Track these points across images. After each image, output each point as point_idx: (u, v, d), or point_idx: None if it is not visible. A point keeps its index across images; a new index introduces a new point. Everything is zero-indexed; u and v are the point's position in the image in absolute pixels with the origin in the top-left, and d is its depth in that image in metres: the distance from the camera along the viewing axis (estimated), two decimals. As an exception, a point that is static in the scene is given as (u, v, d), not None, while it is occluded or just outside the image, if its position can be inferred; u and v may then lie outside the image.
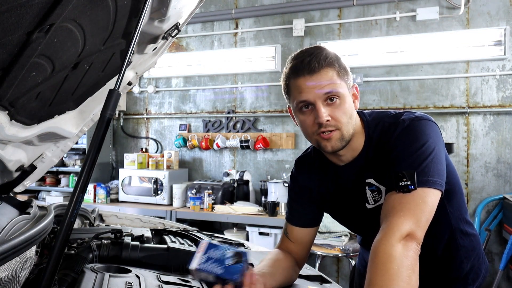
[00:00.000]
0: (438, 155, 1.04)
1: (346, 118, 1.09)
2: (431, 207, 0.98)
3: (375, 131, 1.14)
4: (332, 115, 1.08)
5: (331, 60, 1.09)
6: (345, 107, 1.09)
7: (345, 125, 1.09)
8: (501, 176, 3.50)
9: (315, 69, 1.07)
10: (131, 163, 4.24)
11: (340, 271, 3.89)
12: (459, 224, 1.21)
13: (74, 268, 1.06)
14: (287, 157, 4.10)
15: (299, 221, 1.28)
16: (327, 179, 1.24)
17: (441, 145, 1.07)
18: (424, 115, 1.11)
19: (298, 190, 1.31)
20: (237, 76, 4.32)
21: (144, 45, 1.31)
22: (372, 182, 1.14)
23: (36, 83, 0.92)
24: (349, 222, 1.32)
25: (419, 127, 1.06)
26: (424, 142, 1.03)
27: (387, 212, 0.99)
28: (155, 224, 2.04)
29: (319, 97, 1.07)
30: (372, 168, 1.13)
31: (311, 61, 1.07)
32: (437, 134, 1.08)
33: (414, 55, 3.68)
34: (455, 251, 1.21)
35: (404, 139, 1.06)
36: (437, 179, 1.00)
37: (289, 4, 4.08)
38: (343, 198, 1.22)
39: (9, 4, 0.60)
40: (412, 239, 0.92)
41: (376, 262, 0.90)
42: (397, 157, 1.05)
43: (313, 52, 1.09)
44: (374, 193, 1.14)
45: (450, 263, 1.22)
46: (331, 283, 1.27)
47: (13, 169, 1.41)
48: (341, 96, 1.09)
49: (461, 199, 1.21)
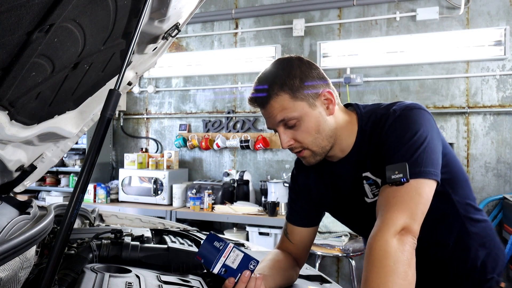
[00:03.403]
0: (431, 144, 1.01)
1: (310, 137, 1.10)
2: (426, 199, 0.97)
3: (368, 123, 1.13)
4: (294, 138, 1.11)
5: (281, 86, 1.08)
6: (307, 127, 1.09)
7: (311, 144, 1.11)
8: (501, 176, 3.50)
9: (264, 103, 1.10)
10: (131, 163, 4.24)
11: (340, 271, 3.89)
12: (467, 212, 1.16)
13: (74, 268, 1.06)
14: (287, 157, 4.09)
15: (299, 220, 1.28)
16: (324, 178, 1.24)
17: (435, 133, 1.05)
18: (415, 104, 1.08)
19: (297, 189, 1.31)
20: (237, 76, 4.32)
21: (144, 45, 1.31)
22: (369, 175, 1.12)
23: (36, 83, 0.92)
24: (351, 219, 1.30)
25: (410, 117, 1.05)
26: (416, 131, 1.02)
27: (381, 206, 0.98)
28: (155, 224, 2.04)
29: (277, 125, 1.11)
30: (368, 161, 1.12)
31: (257, 98, 1.11)
32: (430, 122, 1.06)
33: (414, 55, 3.68)
34: (467, 239, 1.16)
35: (395, 130, 1.05)
36: (430, 168, 0.98)
37: (289, 4, 4.08)
38: (342, 195, 1.21)
39: (9, 4, 0.60)
40: (408, 233, 0.91)
41: (371, 258, 0.89)
42: (389, 149, 1.04)
43: (262, 79, 1.12)
44: (372, 187, 1.12)
45: (465, 253, 1.17)
46: (331, 283, 1.27)
47: (13, 169, 1.41)
48: (299, 118, 1.09)
49: (466, 187, 1.17)
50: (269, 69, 1.13)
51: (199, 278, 1.15)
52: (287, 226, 1.30)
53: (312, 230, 1.30)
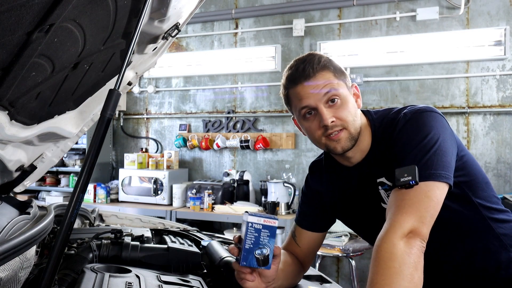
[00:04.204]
0: (443, 147, 1.00)
1: (351, 116, 1.09)
2: (436, 202, 0.95)
3: (379, 129, 1.13)
4: (336, 116, 1.07)
5: (325, 63, 1.09)
6: (348, 107, 1.09)
7: (351, 124, 1.09)
8: (501, 176, 3.50)
9: (311, 74, 1.08)
10: (131, 163, 4.24)
11: (340, 271, 3.89)
12: (492, 213, 1.12)
13: (74, 268, 1.06)
14: (287, 157, 4.09)
15: (308, 224, 1.27)
16: (338, 183, 1.22)
17: (448, 136, 1.03)
18: (427, 106, 1.08)
19: (310, 194, 1.29)
20: (237, 76, 4.32)
21: (144, 45, 1.31)
22: (384, 181, 1.11)
23: (36, 83, 0.92)
24: (365, 225, 1.24)
25: (421, 119, 1.04)
26: (427, 134, 1.01)
27: (389, 209, 0.97)
28: (155, 224, 2.04)
29: (320, 100, 1.07)
30: (382, 167, 1.10)
31: (306, 68, 1.08)
32: (442, 124, 1.04)
33: (414, 55, 3.68)
34: (497, 241, 1.10)
35: (405, 133, 1.04)
36: (441, 171, 0.97)
37: (289, 4, 4.08)
38: (357, 201, 1.19)
39: (9, 4, 0.60)
40: (416, 236, 0.90)
41: (377, 260, 0.89)
42: (399, 152, 1.03)
43: (306, 59, 1.10)
44: (388, 192, 1.10)
45: (496, 256, 1.10)
46: (331, 283, 1.27)
47: (13, 169, 1.41)
48: (341, 96, 1.08)
49: (488, 188, 1.14)
50: (308, 54, 1.13)
51: (199, 278, 1.15)
52: (296, 229, 1.29)
53: (320, 236, 1.28)
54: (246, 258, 1.00)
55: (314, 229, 1.27)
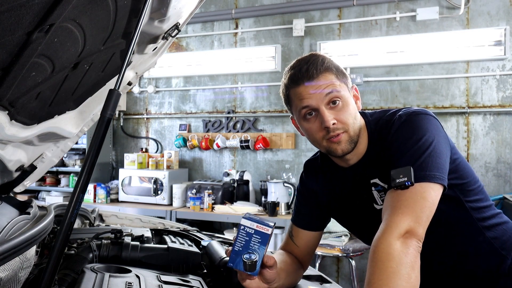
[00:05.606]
0: (438, 149, 1.01)
1: (351, 119, 1.09)
2: (431, 203, 0.96)
3: (375, 130, 1.14)
4: (337, 118, 1.07)
5: (328, 65, 1.09)
6: (349, 109, 1.09)
7: (351, 126, 1.09)
8: (501, 176, 3.50)
9: (314, 75, 1.07)
10: (131, 163, 4.24)
11: (340, 271, 3.89)
12: (483, 217, 1.13)
13: (74, 268, 1.06)
14: (287, 157, 4.10)
15: (305, 223, 1.28)
16: (333, 183, 1.23)
17: (442, 138, 1.05)
18: (422, 109, 1.09)
19: (305, 193, 1.30)
20: (237, 76, 4.32)
21: (144, 45, 1.31)
22: (377, 182, 1.12)
23: (36, 83, 0.92)
24: (358, 225, 1.27)
25: (416, 122, 1.05)
26: (421, 136, 1.02)
27: (385, 210, 0.98)
28: (155, 224, 2.04)
29: (321, 101, 1.07)
30: (376, 167, 1.12)
31: (309, 68, 1.08)
32: (436, 127, 1.06)
33: (414, 55, 3.68)
34: (487, 245, 1.12)
35: (401, 134, 1.05)
36: (436, 172, 0.98)
37: (289, 4, 4.08)
38: (350, 201, 1.20)
39: (9, 4, 0.60)
40: (412, 236, 0.91)
41: (374, 260, 0.89)
42: (394, 153, 1.03)
43: (309, 59, 1.10)
44: (381, 193, 1.12)
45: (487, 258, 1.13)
46: (331, 283, 1.27)
47: (13, 169, 1.41)
48: (343, 98, 1.09)
49: (480, 192, 1.15)
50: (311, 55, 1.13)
51: (199, 278, 1.15)
52: (293, 228, 1.29)
53: (317, 234, 1.29)
54: (234, 260, 1.00)
55: (310, 228, 1.28)
